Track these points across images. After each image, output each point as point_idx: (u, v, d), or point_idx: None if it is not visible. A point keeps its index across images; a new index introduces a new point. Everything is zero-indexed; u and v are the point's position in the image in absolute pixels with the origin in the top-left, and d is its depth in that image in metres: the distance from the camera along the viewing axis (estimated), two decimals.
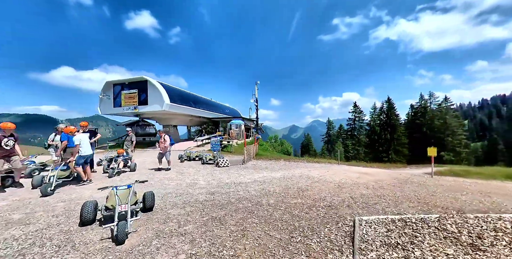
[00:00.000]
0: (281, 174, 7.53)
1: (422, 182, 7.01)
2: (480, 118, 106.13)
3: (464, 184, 6.93)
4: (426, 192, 5.29)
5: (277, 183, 5.90)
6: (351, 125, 46.36)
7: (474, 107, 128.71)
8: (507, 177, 10.73)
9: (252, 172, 7.74)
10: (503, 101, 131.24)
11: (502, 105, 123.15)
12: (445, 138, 37.11)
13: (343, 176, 7.50)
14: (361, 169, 11.15)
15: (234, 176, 6.94)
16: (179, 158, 10.42)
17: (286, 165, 10.55)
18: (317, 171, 8.40)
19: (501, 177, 10.96)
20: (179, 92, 19.89)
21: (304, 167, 10.36)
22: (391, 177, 7.83)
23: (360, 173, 8.78)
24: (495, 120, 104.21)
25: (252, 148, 13.34)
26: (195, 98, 23.07)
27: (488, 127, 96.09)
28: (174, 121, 22.23)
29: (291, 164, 11.22)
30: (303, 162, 14.05)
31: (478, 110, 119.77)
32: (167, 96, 16.87)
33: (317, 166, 11.00)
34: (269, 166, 9.80)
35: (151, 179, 6.23)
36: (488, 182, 8.48)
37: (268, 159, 13.49)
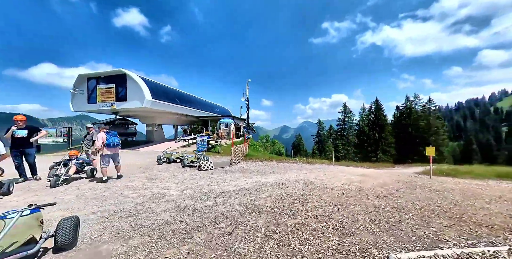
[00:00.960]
0: (273, 178, 6.36)
1: (429, 185, 6.20)
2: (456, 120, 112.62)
3: (474, 187, 6.18)
4: (444, 199, 4.37)
5: (269, 192, 4.71)
6: (340, 125, 46.58)
7: (451, 109, 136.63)
8: (498, 175, 10.37)
9: (239, 177, 6.50)
10: (476, 104, 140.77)
11: (476, 108, 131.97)
12: (429, 137, 38.15)
13: (344, 179, 6.49)
14: (358, 170, 10.31)
15: (217, 182, 5.66)
16: (157, 159, 8.95)
17: (278, 167, 9.43)
18: (313, 174, 7.35)
19: (492, 176, 10.62)
20: (163, 89, 18.18)
21: (298, 168, 9.30)
22: (393, 180, 6.98)
23: (360, 175, 7.87)
24: (469, 122, 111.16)
25: (242, 149, 12.09)
26: (182, 95, 21.38)
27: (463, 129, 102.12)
28: (158, 120, 20.41)
29: (283, 166, 10.12)
30: (296, 162, 13.03)
31: (454, 112, 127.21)
32: (149, 92, 15.16)
33: (312, 168, 9.99)
34: (259, 168, 8.62)
35: (108, 189, 4.79)
36: (489, 183, 7.92)
37: (259, 160, 12.31)
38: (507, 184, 7.44)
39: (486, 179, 9.58)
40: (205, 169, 7.36)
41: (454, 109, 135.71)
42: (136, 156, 11.80)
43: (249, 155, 14.18)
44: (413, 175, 11.10)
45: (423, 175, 12.97)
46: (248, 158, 13.02)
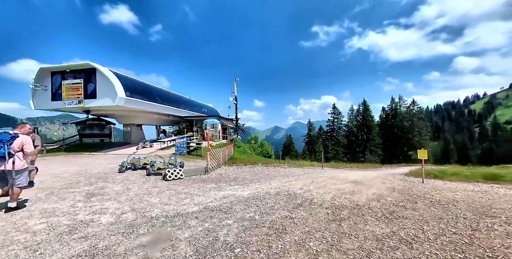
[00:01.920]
0: (252, 190, 5.20)
1: (427, 195, 5.38)
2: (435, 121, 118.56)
3: (475, 197, 5.44)
4: (456, 219, 3.46)
5: (239, 214, 3.54)
6: (330, 126, 46.64)
7: (431, 111, 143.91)
8: (485, 177, 9.98)
9: (210, 189, 5.27)
10: (453, 107, 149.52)
11: (452, 110, 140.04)
12: (413, 138, 39.07)
13: (334, 189, 5.49)
14: (348, 175, 9.46)
15: (177, 198, 4.40)
16: (121, 165, 7.47)
17: (262, 173, 8.29)
18: (300, 183, 6.30)
19: (479, 178, 10.23)
20: (141, 86, 16.43)
21: (284, 174, 8.23)
22: (387, 188, 6.13)
23: (351, 182, 6.94)
24: (446, 123, 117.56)
25: (223, 152, 10.84)
26: (163, 93, 19.65)
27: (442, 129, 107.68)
28: (137, 119, 18.55)
29: (269, 171, 9.01)
30: (284, 166, 12.00)
31: (434, 114, 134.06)
32: (122, 88, 13.44)
33: (300, 173, 8.98)
34: (240, 175, 7.43)
35: (11, 216, 3.36)
36: (483, 188, 7.32)
37: (243, 164, 11.13)
38: (503, 190, 6.88)
39: (475, 182, 9.18)
40: (171, 178, 6.05)
41: (433, 111, 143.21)
42: (100, 161, 10.14)
43: (233, 158, 12.95)
44: (404, 178, 10.46)
45: (411, 177, 12.46)
46: (232, 161, 11.79)
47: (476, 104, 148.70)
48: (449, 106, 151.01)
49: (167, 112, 19.31)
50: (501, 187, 7.56)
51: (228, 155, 12.42)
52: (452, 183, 8.79)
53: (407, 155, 39.06)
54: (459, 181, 9.09)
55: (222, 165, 10.04)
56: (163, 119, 21.01)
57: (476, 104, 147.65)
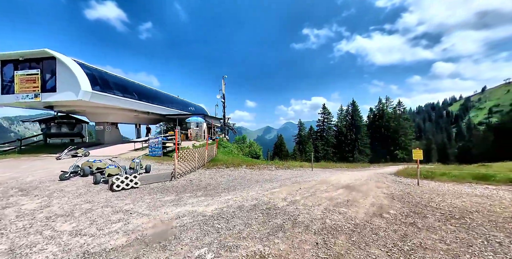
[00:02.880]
0: (219, 204, 3.95)
1: (432, 203, 4.48)
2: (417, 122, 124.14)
3: (483, 203, 4.65)
4: (491, 247, 2.43)
5: (183, 251, 2.29)
6: (320, 126, 46.50)
7: (413, 112, 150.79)
8: (474, 178, 9.53)
9: (164, 203, 3.94)
10: (432, 108, 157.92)
11: (432, 112, 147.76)
12: (399, 138, 39.80)
13: (325, 199, 4.40)
14: (339, 177, 8.50)
15: (106, 221, 3.04)
16: (64, 171, 5.90)
17: (243, 178, 7.06)
18: (285, 190, 5.15)
19: (468, 178, 9.79)
20: (114, 79, 14.55)
21: (268, 178, 7.06)
22: (386, 196, 5.21)
23: (344, 188, 5.92)
24: (427, 124, 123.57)
25: (202, 152, 9.47)
26: (142, 89, 17.77)
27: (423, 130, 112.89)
28: (111, 117, 16.55)
29: (252, 175, 7.81)
30: (271, 168, 10.85)
31: (416, 115, 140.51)
32: (87, 81, 11.60)
33: (287, 176, 7.86)
34: (214, 182, 6.15)
35: None
36: (482, 190, 6.72)
37: (225, 166, 9.83)
38: (506, 194, 6.26)
39: (468, 183, 8.70)
40: (119, 188, 4.63)
41: (416, 113, 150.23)
42: (53, 165, 8.39)
43: (216, 159, 11.60)
44: (396, 179, 9.76)
45: (402, 177, 11.89)
46: (214, 163, 10.45)
47: (454, 106, 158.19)
48: (430, 108, 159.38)
49: (146, 109, 17.47)
50: (499, 189, 7.02)
51: (209, 156, 11.07)
52: (446, 184, 8.15)
53: (393, 154, 39.71)
54: (451, 182, 8.25)
55: (199, 168, 8.68)
56: (142, 118, 19.09)
57: (453, 106, 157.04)
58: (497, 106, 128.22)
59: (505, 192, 6.45)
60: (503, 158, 27.10)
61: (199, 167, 8.89)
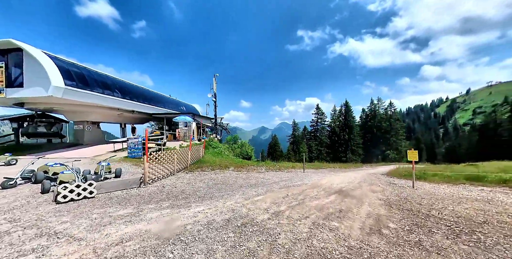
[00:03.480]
0: (185, 219, 3.19)
1: (436, 212, 4.00)
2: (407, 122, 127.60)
3: (490, 208, 4.15)
4: None
5: None
6: (314, 126, 46.40)
7: (403, 113, 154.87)
8: (467, 178, 9.26)
9: (114, 220, 3.13)
10: (421, 110, 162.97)
11: (421, 113, 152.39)
12: (390, 138, 40.23)
13: (314, 209, 3.75)
14: (332, 179, 7.92)
15: (19, 250, 2.23)
16: (7, 178, 4.93)
17: (225, 183, 6.31)
18: (269, 198, 4.46)
19: (462, 179, 9.53)
20: (91, 74, 13.37)
21: (254, 183, 6.35)
22: (382, 203, 4.67)
23: (336, 193, 5.31)
24: (417, 124, 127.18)
25: (184, 154, 8.64)
26: (127, 86, 16.61)
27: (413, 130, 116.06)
28: (91, 116, 15.33)
29: (237, 178, 7.07)
30: (261, 169, 10.17)
31: (406, 116, 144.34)
32: (59, 75, 10.48)
33: (276, 179, 7.18)
34: (191, 188, 5.36)
35: None
36: (479, 193, 6.37)
37: (211, 169, 9.05)
38: (504, 196, 5.90)
39: (461, 184, 8.43)
40: (66, 199, 3.77)
41: (406, 114, 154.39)
42: (10, 169, 7.30)
43: (202, 161, 10.78)
44: (390, 181, 9.32)
45: (395, 178, 11.59)
46: (198, 166, 9.63)
47: (441, 107, 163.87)
48: (419, 109, 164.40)
49: (130, 108, 16.34)
50: (495, 191, 6.69)
51: (194, 157, 10.23)
52: (440, 186, 7.60)
53: (385, 154, 40.09)
54: (445, 183, 7.97)
55: (179, 171, 7.84)
56: (127, 117, 17.89)
57: (440, 108, 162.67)
58: (480, 108, 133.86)
59: (503, 195, 6.10)
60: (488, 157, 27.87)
61: (181, 169, 8.06)
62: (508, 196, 5.74)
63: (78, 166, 6.47)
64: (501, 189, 7.25)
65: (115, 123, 19.98)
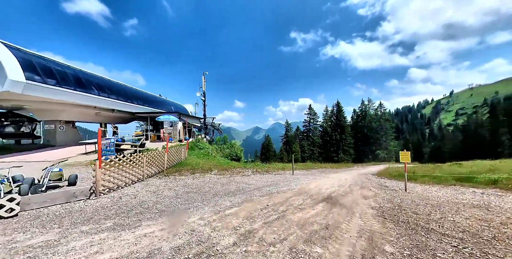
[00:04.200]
0: (118, 250, 2.35)
1: (437, 224, 3.34)
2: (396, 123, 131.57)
3: (493, 217, 3.63)
4: None
5: None
6: (306, 127, 46.29)
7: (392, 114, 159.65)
8: (456, 179, 9.01)
9: (14, 254, 2.25)
10: (409, 111, 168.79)
11: (408, 114, 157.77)
12: (380, 138, 40.75)
13: (295, 226, 3.04)
14: (321, 183, 7.30)
15: None
16: None
17: (199, 191, 5.48)
18: (245, 211, 3.71)
19: (451, 180, 9.28)
20: (61, 68, 12.03)
21: (232, 191, 5.57)
22: (374, 211, 4.04)
23: (324, 201, 4.65)
24: (404, 125, 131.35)
25: (159, 156, 7.70)
26: (103, 83, 15.27)
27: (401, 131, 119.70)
28: (64, 114, 13.94)
29: (214, 185, 6.26)
30: (247, 172, 9.40)
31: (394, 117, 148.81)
32: (19, 68, 9.21)
33: (259, 184, 6.44)
34: (152, 200, 4.50)
35: None
36: (472, 197, 6.00)
37: (190, 173, 8.18)
38: (498, 200, 5.53)
39: (452, 185, 8.16)
40: None
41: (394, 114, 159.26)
42: None
43: (182, 164, 9.86)
44: (381, 183, 8.87)
45: (385, 178, 11.30)
46: (177, 169, 8.73)
47: (427, 109, 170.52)
48: (406, 110, 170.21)
49: (109, 106, 15.08)
50: (488, 194, 6.34)
51: (174, 160, 9.30)
52: (432, 188, 7.29)
53: (375, 154, 40.56)
54: (436, 185, 7.81)
55: (151, 176, 6.92)
56: (106, 116, 16.55)
57: (426, 109, 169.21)
58: (462, 109, 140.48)
59: (496, 198, 5.75)
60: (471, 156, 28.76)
61: (154, 174, 7.14)
62: (502, 200, 5.39)
63: (29, 172, 5.41)
64: (493, 191, 6.94)
65: (95, 123, 18.51)
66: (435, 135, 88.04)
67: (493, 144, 39.39)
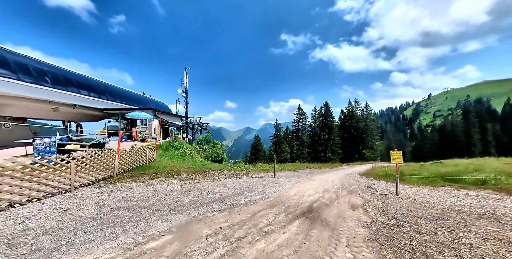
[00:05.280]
0: None
1: (447, 248, 2.08)
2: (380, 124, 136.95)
3: (505, 232, 2.57)
4: None
5: None
6: (295, 127, 45.86)
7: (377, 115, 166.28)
8: (445, 180, 8.47)
9: None
10: (392, 112, 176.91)
11: (392, 115, 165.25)
12: (366, 138, 41.30)
13: None
14: (304, 188, 6.21)
15: None
16: None
17: (134, 207, 4.10)
18: (180, 239, 2.41)
19: (439, 180, 8.74)
20: (7, 55, 9.96)
21: (186, 203, 4.24)
22: (365, 227, 2.92)
23: (302, 214, 3.49)
24: (388, 125, 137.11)
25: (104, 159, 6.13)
26: (60, 73, 13.13)
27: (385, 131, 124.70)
28: (11, 109, 11.67)
29: (167, 195, 4.88)
30: (221, 176, 8.07)
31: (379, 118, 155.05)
32: None
33: (227, 194, 5.17)
34: (47, 225, 3.06)
35: None
36: (469, 201, 5.27)
37: (149, 178, 6.70)
38: (490, 201, 4.80)
39: (442, 187, 7.59)
40: None
41: (379, 116, 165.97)
42: None
43: (147, 167, 8.31)
44: (370, 185, 8.01)
45: (373, 179, 10.69)
46: (137, 172, 7.20)
47: (408, 110, 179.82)
48: (390, 112, 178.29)
49: (69, 101, 12.98)
50: (484, 197, 5.77)
51: (131, 163, 7.73)
52: (423, 190, 6.78)
53: (361, 154, 41.00)
54: (426, 186, 7.44)
55: (92, 184, 5.37)
56: (67, 112, 14.34)
57: (407, 111, 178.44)
58: (439, 111, 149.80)
59: (495, 202, 5.07)
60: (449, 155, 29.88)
61: (96, 181, 5.58)
62: (504, 205, 4.72)
63: None
64: (485, 193, 6.35)
65: (55, 120, 16.11)
66: (416, 135, 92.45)
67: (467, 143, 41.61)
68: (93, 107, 14.76)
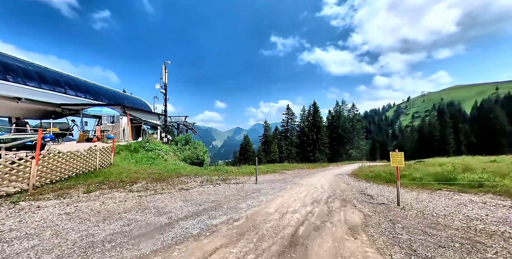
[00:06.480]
0: None
1: None
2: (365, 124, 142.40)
3: None
4: None
5: None
6: (284, 127, 45.22)
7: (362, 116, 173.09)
8: (438, 181, 7.88)
9: None
10: (375, 113, 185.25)
11: (375, 116, 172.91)
12: (353, 138, 41.76)
13: None
14: (289, 200, 4.88)
15: None
16: None
17: (11, 253, 2.51)
18: None
19: (430, 180, 8.09)
20: None
21: (101, 240, 2.73)
22: None
23: (283, 247, 2.17)
24: (372, 126, 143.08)
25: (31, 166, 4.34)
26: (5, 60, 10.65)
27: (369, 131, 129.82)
28: None
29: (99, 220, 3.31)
30: (191, 184, 6.54)
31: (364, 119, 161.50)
32: None
33: (182, 214, 3.70)
34: None
35: None
36: (477, 210, 4.27)
37: (86, 190, 4.98)
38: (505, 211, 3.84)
39: (439, 190, 6.88)
40: None
41: (364, 117, 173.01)
42: None
43: (99, 172, 6.52)
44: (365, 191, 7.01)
45: (363, 181, 9.86)
46: (76, 182, 5.43)
47: (389, 112, 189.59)
48: (373, 113, 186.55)
49: (10, 93, 10.55)
50: (493, 205, 4.97)
51: (64, 170, 5.92)
52: (421, 195, 6.12)
53: (348, 153, 41.35)
54: (421, 189, 6.85)
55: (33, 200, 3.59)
56: (10, 107, 11.80)
57: (389, 112, 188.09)
58: (417, 113, 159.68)
59: (509, 213, 4.18)
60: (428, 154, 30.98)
61: None
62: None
63: None
64: (489, 198, 5.61)
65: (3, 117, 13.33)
66: (397, 135, 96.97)
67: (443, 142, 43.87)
68: (46, 101, 12.33)
